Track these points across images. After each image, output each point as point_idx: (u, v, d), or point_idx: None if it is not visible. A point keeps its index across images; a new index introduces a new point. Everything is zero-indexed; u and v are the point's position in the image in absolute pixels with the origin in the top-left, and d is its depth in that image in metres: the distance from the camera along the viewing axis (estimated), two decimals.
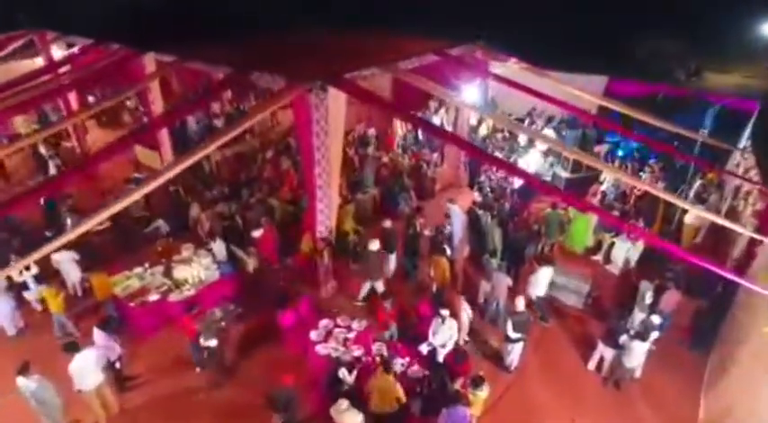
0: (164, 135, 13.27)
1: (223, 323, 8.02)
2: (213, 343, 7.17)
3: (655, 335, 7.11)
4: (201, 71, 11.07)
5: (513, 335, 7.41)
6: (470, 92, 12.23)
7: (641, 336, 7.00)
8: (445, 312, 7.26)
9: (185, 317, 7.44)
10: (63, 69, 11.07)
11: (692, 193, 11.28)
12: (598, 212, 9.96)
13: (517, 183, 12.14)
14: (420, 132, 15.32)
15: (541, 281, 8.57)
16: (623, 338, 7.19)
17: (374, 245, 8.78)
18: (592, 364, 7.92)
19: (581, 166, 12.75)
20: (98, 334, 6.74)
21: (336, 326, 7.93)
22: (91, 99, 17.88)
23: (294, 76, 7.99)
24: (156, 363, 7.79)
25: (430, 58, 10.73)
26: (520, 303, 7.43)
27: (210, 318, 7.81)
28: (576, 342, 8.53)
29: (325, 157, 8.69)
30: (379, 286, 8.98)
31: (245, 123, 7.60)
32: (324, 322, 7.96)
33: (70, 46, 12.70)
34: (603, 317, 8.75)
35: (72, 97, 14.08)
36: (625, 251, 9.76)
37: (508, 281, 8.48)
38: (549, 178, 13.14)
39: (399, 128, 15.40)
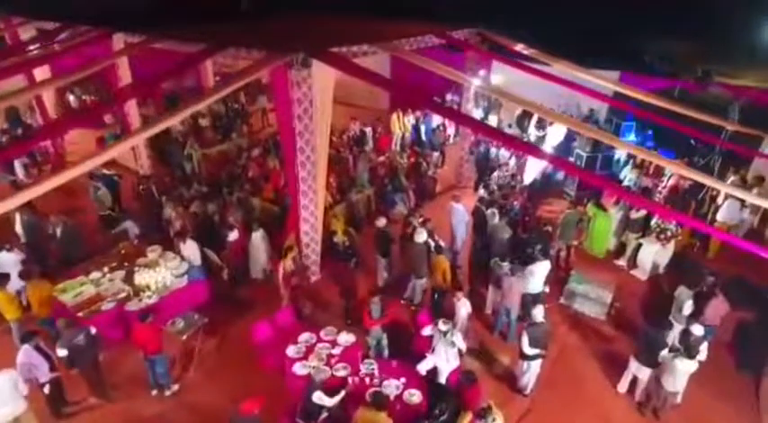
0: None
1: (185, 336, 6.80)
2: (63, 353, 5.76)
3: (704, 350, 5.87)
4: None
5: (529, 351, 6.19)
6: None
7: (688, 352, 5.75)
8: (446, 326, 6.07)
9: (140, 328, 6.24)
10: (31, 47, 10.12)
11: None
12: (628, 197, 8.76)
13: (527, 180, 11.02)
14: (423, 131, 14.29)
15: (537, 275, 7.47)
16: (663, 355, 5.96)
17: (421, 236, 7.66)
18: (622, 387, 6.67)
19: (595, 164, 11.75)
20: (23, 352, 5.49)
21: (319, 340, 6.72)
22: (72, 98, 17.14)
23: (274, 48, 6.93)
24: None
25: (429, 43, 9.76)
26: (538, 313, 6.22)
27: (71, 333, 5.93)
28: (601, 359, 7.29)
29: (310, 144, 7.58)
30: (422, 285, 7.96)
31: (214, 96, 6.52)
32: (304, 336, 6.75)
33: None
34: (630, 329, 7.63)
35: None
36: (653, 254, 8.55)
37: (521, 287, 7.27)
38: (560, 177, 12.01)
39: (397, 128, 14.35)
